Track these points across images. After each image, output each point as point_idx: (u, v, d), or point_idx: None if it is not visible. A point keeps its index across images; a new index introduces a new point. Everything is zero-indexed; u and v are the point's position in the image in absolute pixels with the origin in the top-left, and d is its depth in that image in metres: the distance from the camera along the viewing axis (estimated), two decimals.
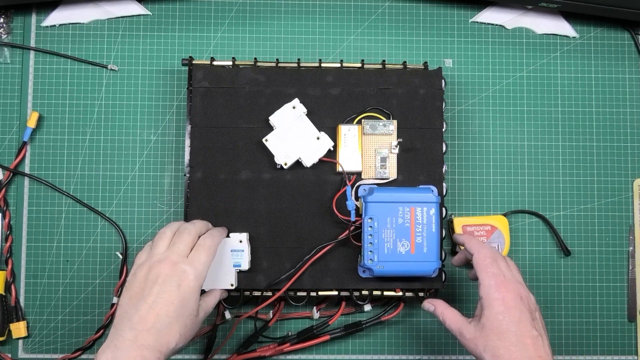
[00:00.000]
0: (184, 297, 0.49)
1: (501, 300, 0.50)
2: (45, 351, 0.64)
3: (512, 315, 0.50)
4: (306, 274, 0.59)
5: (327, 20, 0.68)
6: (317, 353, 0.65)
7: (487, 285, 0.51)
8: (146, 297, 0.49)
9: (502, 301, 0.50)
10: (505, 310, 0.50)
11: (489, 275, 0.52)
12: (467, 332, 0.52)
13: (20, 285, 0.65)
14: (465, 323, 0.53)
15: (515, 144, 0.67)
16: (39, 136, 0.66)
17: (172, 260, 0.50)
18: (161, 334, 0.48)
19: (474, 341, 0.51)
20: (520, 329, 0.49)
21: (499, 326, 0.49)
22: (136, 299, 0.49)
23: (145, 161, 0.66)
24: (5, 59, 0.66)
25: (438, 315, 0.55)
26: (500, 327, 0.49)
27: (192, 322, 0.50)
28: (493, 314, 0.50)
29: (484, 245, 0.55)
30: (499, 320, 0.50)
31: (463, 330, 0.52)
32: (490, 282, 0.51)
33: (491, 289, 0.51)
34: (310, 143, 0.59)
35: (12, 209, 0.65)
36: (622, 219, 0.67)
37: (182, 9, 0.68)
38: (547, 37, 0.69)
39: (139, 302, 0.49)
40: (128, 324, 0.48)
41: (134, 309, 0.48)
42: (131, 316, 0.48)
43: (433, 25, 0.69)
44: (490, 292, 0.51)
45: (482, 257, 0.53)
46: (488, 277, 0.52)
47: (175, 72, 0.67)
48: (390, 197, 0.58)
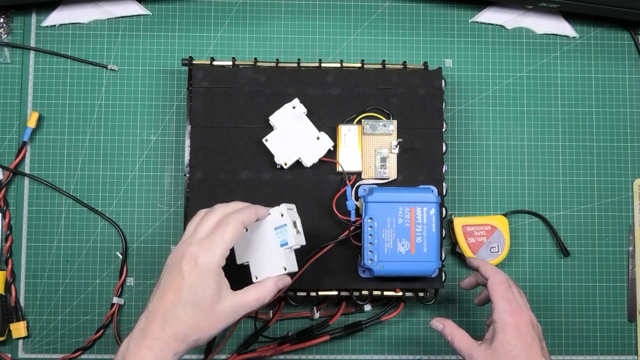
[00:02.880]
0: (192, 283, 0.45)
1: (515, 325, 0.50)
2: (45, 351, 0.64)
3: (524, 341, 0.50)
4: (306, 274, 0.59)
5: (327, 20, 0.68)
6: (317, 353, 0.65)
7: (502, 309, 0.51)
8: (158, 285, 0.47)
9: (516, 327, 0.50)
10: (518, 336, 0.50)
11: (504, 300, 0.52)
12: (478, 355, 0.51)
13: (20, 285, 0.65)
14: (475, 345, 0.52)
15: (515, 144, 0.67)
16: (39, 136, 0.66)
17: (187, 242, 0.47)
18: (167, 323, 0.45)
19: None
20: (531, 356, 0.49)
21: (512, 351, 0.49)
22: (155, 287, 0.48)
23: (145, 161, 0.66)
24: (5, 59, 0.66)
25: (447, 335, 0.54)
26: (513, 352, 0.49)
27: (209, 312, 0.46)
28: (506, 339, 0.50)
29: (499, 271, 0.55)
30: (512, 345, 0.50)
31: (473, 352, 0.52)
32: (505, 306, 0.51)
33: (506, 313, 0.51)
34: (310, 143, 0.59)
35: (12, 209, 0.65)
36: (622, 219, 0.67)
37: (182, 9, 0.68)
38: (547, 37, 0.69)
39: (154, 290, 0.48)
40: (145, 313, 0.47)
41: (150, 297, 0.47)
42: (147, 305, 0.47)
43: (433, 25, 0.69)
44: (505, 317, 0.51)
45: (498, 282, 0.53)
46: (503, 301, 0.52)
47: (175, 72, 0.67)
48: (390, 197, 0.58)
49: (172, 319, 0.45)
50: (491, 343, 0.51)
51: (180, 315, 0.45)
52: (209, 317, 0.46)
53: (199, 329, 0.45)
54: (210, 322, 0.46)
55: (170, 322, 0.45)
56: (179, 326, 0.45)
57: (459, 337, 0.53)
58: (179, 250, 0.48)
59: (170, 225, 0.65)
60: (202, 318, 0.45)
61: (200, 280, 0.45)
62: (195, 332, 0.45)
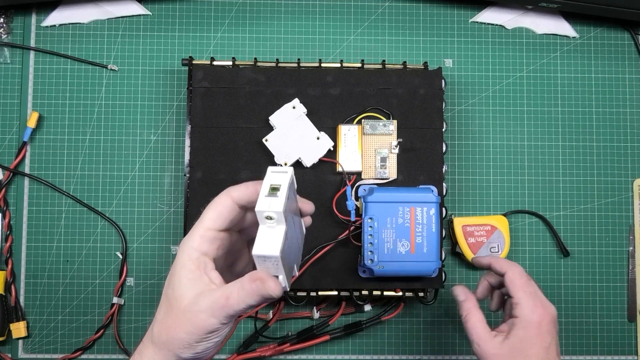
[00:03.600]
0: (170, 277, 0.39)
1: (538, 324, 0.47)
2: (45, 351, 0.64)
3: (544, 340, 0.47)
4: (306, 274, 0.59)
5: (327, 20, 0.68)
6: (317, 353, 0.65)
7: (526, 306, 0.48)
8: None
9: (539, 325, 0.47)
10: (539, 335, 0.47)
11: (527, 295, 0.48)
12: (492, 347, 0.47)
13: (20, 285, 0.65)
14: (490, 335, 0.48)
15: (515, 144, 0.67)
16: (39, 136, 0.66)
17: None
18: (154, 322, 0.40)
19: (497, 358, 0.47)
20: (548, 356, 0.47)
21: (529, 349, 0.47)
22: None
23: (145, 161, 0.66)
24: (5, 59, 0.66)
25: (463, 310, 0.50)
26: (530, 350, 0.46)
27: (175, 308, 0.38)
28: (527, 337, 0.47)
29: (514, 263, 0.51)
30: (531, 343, 0.47)
31: (486, 342, 0.48)
32: (529, 302, 0.48)
33: (530, 310, 0.47)
34: (310, 143, 0.59)
35: (12, 209, 0.65)
36: (622, 219, 0.67)
37: (182, 9, 0.68)
38: (547, 37, 0.69)
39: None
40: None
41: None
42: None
43: (433, 25, 0.69)
44: (529, 314, 0.47)
45: (518, 276, 0.49)
46: (527, 296, 0.48)
47: (175, 72, 0.67)
48: (390, 197, 0.58)
49: (154, 320, 0.40)
50: (507, 337, 0.47)
51: (158, 313, 0.39)
52: (173, 313, 0.38)
53: (164, 327, 0.38)
54: (173, 320, 0.38)
55: (151, 325, 0.40)
56: (153, 323, 0.39)
57: (475, 321, 0.49)
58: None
59: (170, 225, 0.65)
60: (168, 313, 0.38)
61: (174, 269, 0.39)
62: (162, 330, 0.38)
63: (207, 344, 0.38)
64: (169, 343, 0.38)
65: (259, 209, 0.37)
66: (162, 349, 0.38)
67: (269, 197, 0.37)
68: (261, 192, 0.38)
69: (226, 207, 0.39)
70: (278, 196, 0.37)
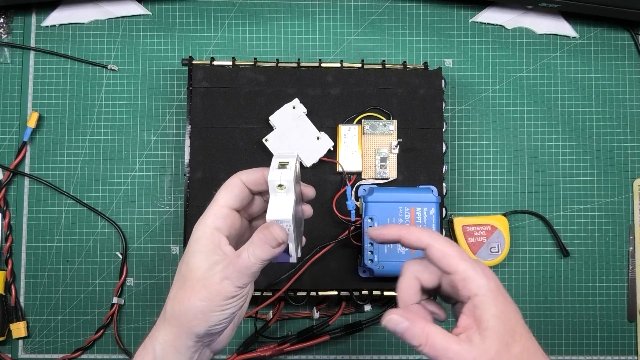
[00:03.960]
0: (185, 255, 0.40)
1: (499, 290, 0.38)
2: (45, 351, 0.64)
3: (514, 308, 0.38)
4: (306, 274, 0.59)
5: (327, 20, 0.68)
6: (317, 353, 0.65)
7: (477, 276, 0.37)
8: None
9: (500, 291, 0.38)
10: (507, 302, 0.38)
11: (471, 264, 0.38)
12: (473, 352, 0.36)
13: (20, 285, 0.65)
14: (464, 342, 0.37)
15: (515, 144, 0.67)
16: (39, 136, 0.66)
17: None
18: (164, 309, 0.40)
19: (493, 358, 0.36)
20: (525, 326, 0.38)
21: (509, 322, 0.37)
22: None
23: (145, 161, 0.66)
24: (5, 59, 0.66)
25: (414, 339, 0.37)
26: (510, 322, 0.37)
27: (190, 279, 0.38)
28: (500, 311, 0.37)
29: (431, 230, 0.41)
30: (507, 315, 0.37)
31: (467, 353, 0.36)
32: (478, 270, 0.38)
33: (484, 278, 0.38)
34: (310, 143, 0.59)
35: (12, 209, 0.65)
36: (622, 219, 0.67)
37: (182, 9, 0.68)
38: (547, 37, 0.69)
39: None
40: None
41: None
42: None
43: (433, 25, 0.69)
44: (486, 284, 0.37)
45: (449, 245, 0.39)
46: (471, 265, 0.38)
47: (175, 72, 0.67)
48: (390, 197, 0.58)
49: (167, 300, 0.39)
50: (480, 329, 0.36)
51: (171, 291, 0.39)
52: (187, 284, 0.38)
53: (177, 300, 0.38)
54: (188, 289, 0.38)
55: (164, 305, 0.39)
56: (167, 304, 0.39)
57: (440, 338, 0.37)
58: None
59: (170, 225, 0.65)
60: (181, 286, 0.38)
61: (189, 248, 0.39)
62: (175, 304, 0.38)
63: (222, 315, 0.38)
64: (182, 315, 0.38)
65: (271, 179, 0.39)
66: (175, 325, 0.38)
67: (279, 170, 0.40)
68: (271, 167, 0.40)
69: (237, 186, 0.41)
70: (288, 168, 0.40)
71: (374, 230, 0.42)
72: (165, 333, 0.39)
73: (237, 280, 0.38)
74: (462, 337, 0.37)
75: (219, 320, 0.38)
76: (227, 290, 0.38)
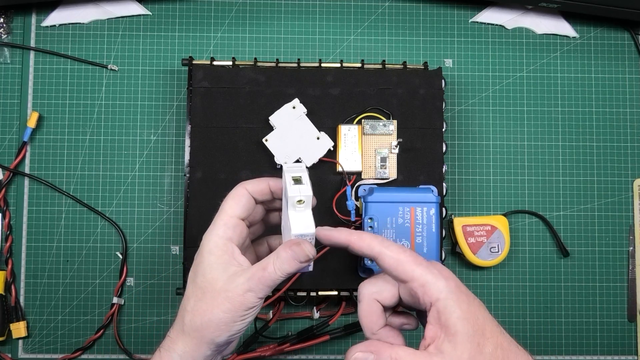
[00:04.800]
0: (197, 266, 0.40)
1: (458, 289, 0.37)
2: (45, 351, 0.64)
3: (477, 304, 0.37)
4: (306, 274, 0.59)
5: (327, 20, 0.68)
6: (317, 353, 0.65)
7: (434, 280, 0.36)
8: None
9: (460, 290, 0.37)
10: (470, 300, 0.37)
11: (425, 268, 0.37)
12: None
13: (20, 285, 0.65)
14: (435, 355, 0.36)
15: (515, 144, 0.67)
16: (39, 136, 0.66)
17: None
18: (176, 317, 0.41)
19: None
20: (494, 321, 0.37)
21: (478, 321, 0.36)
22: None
23: (145, 161, 0.66)
24: (5, 59, 0.66)
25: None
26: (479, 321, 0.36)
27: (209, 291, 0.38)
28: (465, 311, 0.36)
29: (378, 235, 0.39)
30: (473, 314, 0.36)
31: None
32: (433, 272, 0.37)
33: (441, 280, 0.37)
34: (310, 143, 0.59)
35: (12, 209, 0.65)
36: (622, 219, 0.67)
37: (182, 9, 0.68)
38: (547, 37, 0.69)
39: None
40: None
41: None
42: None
43: (433, 25, 0.69)
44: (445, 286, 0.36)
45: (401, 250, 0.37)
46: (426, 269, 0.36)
47: (175, 72, 0.67)
48: (390, 197, 0.58)
49: (182, 312, 0.40)
50: (447, 336, 0.35)
51: (183, 302, 0.40)
52: (207, 296, 0.39)
53: (197, 313, 0.38)
54: (209, 302, 0.38)
55: (178, 315, 0.40)
56: (181, 315, 0.40)
57: (404, 358, 0.37)
58: None
59: (170, 225, 0.65)
60: (200, 298, 0.39)
61: (201, 258, 0.40)
62: (194, 317, 0.38)
63: (242, 324, 0.39)
64: (204, 328, 0.38)
65: (291, 195, 0.41)
66: (195, 337, 0.39)
67: (297, 185, 0.42)
68: (287, 183, 0.42)
69: (244, 196, 0.42)
70: (304, 183, 0.42)
71: (323, 231, 0.42)
72: (184, 345, 0.39)
73: (260, 292, 0.39)
74: (431, 350, 0.36)
75: (239, 329, 0.40)
76: (250, 302, 0.39)
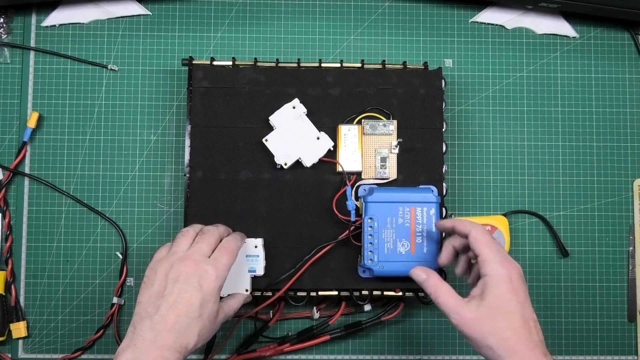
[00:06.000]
0: (204, 298, 0.49)
1: (508, 278, 0.46)
2: (45, 351, 0.64)
3: (518, 295, 0.46)
4: (306, 274, 0.59)
5: (327, 20, 0.68)
6: (317, 353, 0.65)
7: (494, 261, 0.47)
8: (167, 297, 0.48)
9: (509, 279, 0.46)
10: (513, 290, 0.46)
11: (492, 251, 0.47)
12: (469, 311, 0.46)
13: (20, 285, 0.65)
14: (464, 302, 0.47)
15: (515, 144, 0.67)
16: (39, 136, 0.66)
17: (194, 259, 0.49)
18: (181, 334, 0.47)
19: (477, 321, 0.45)
20: (525, 311, 0.46)
21: (507, 306, 0.46)
22: (156, 297, 0.48)
23: (145, 161, 0.66)
24: (5, 59, 0.66)
25: (428, 288, 0.50)
26: (508, 307, 0.46)
27: (211, 324, 0.50)
28: (501, 293, 0.46)
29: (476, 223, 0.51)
30: (507, 299, 0.46)
31: (462, 309, 0.46)
32: (496, 257, 0.47)
33: (498, 264, 0.47)
34: (310, 143, 0.59)
35: (12, 209, 0.65)
36: (622, 219, 0.67)
37: (182, 9, 0.68)
38: (547, 37, 0.69)
39: (159, 301, 0.48)
40: (148, 323, 0.47)
41: (153, 307, 0.48)
42: (151, 315, 0.47)
43: (433, 25, 0.69)
44: (497, 269, 0.47)
45: (482, 233, 0.49)
46: (493, 253, 0.47)
47: (175, 72, 0.67)
48: (390, 197, 0.58)
49: (186, 331, 0.48)
50: (482, 298, 0.46)
51: (194, 327, 0.48)
52: (212, 328, 0.51)
53: (202, 338, 0.50)
54: (211, 332, 0.51)
55: (184, 334, 0.48)
56: (191, 337, 0.48)
57: (445, 292, 0.48)
58: (186, 263, 0.50)
59: (170, 225, 0.65)
60: (208, 329, 0.50)
61: (211, 296, 0.49)
62: (200, 342, 0.50)
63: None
64: (195, 345, 0.49)
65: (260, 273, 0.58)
66: (190, 352, 0.49)
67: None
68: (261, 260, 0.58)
69: (236, 256, 0.53)
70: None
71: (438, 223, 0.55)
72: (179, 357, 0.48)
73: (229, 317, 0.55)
74: (465, 299, 0.47)
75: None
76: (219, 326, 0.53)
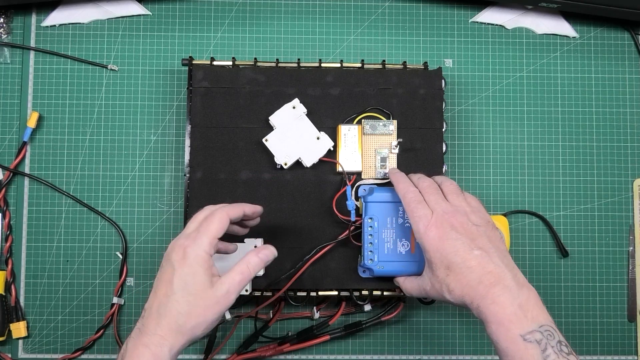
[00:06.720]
0: (182, 273, 0.46)
1: (431, 239, 0.49)
2: (45, 351, 0.64)
3: (446, 249, 0.49)
4: (306, 274, 0.59)
5: (327, 20, 0.68)
6: (317, 353, 0.65)
7: (416, 230, 0.50)
8: (153, 284, 0.48)
9: (432, 240, 0.49)
10: (440, 247, 0.49)
11: (415, 220, 0.50)
12: (426, 284, 0.51)
13: (20, 285, 0.65)
14: (421, 280, 0.52)
15: (515, 144, 0.67)
16: (39, 136, 0.66)
17: (175, 238, 0.49)
18: (161, 316, 0.45)
19: (436, 289, 0.50)
20: (462, 256, 0.48)
21: (442, 262, 0.49)
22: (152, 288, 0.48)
23: (145, 161, 0.66)
24: (5, 59, 0.66)
25: (403, 289, 0.56)
26: (443, 263, 0.49)
27: (201, 298, 0.46)
28: (432, 255, 0.49)
29: (410, 185, 0.53)
30: (438, 258, 0.49)
31: (423, 285, 0.52)
32: (418, 226, 0.50)
33: (420, 233, 0.50)
34: (310, 143, 0.59)
35: (12, 209, 0.65)
36: (622, 219, 0.67)
37: (182, 9, 0.68)
38: (547, 37, 0.69)
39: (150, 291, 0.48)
40: (142, 313, 0.47)
41: (147, 299, 0.48)
42: (145, 306, 0.48)
43: (433, 25, 0.69)
44: (420, 236, 0.50)
45: (407, 203, 0.52)
46: (415, 222, 0.50)
47: (175, 72, 0.67)
48: (390, 197, 0.58)
49: (166, 311, 0.45)
50: (428, 267, 0.51)
51: (173, 305, 0.45)
52: (201, 302, 0.46)
53: (193, 316, 0.45)
54: (203, 308, 0.46)
55: (164, 315, 0.45)
56: (173, 316, 0.45)
57: (410, 283, 0.55)
58: (169, 245, 0.49)
59: (170, 225, 0.65)
60: (195, 304, 0.46)
61: (190, 268, 0.46)
62: (189, 320, 0.45)
63: (219, 319, 0.47)
64: (196, 328, 0.46)
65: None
66: (187, 335, 0.46)
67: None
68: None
69: (226, 221, 0.49)
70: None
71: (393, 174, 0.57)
72: (175, 341, 0.45)
73: (238, 293, 0.48)
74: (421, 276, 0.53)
75: (214, 325, 0.48)
76: (232, 301, 0.47)
